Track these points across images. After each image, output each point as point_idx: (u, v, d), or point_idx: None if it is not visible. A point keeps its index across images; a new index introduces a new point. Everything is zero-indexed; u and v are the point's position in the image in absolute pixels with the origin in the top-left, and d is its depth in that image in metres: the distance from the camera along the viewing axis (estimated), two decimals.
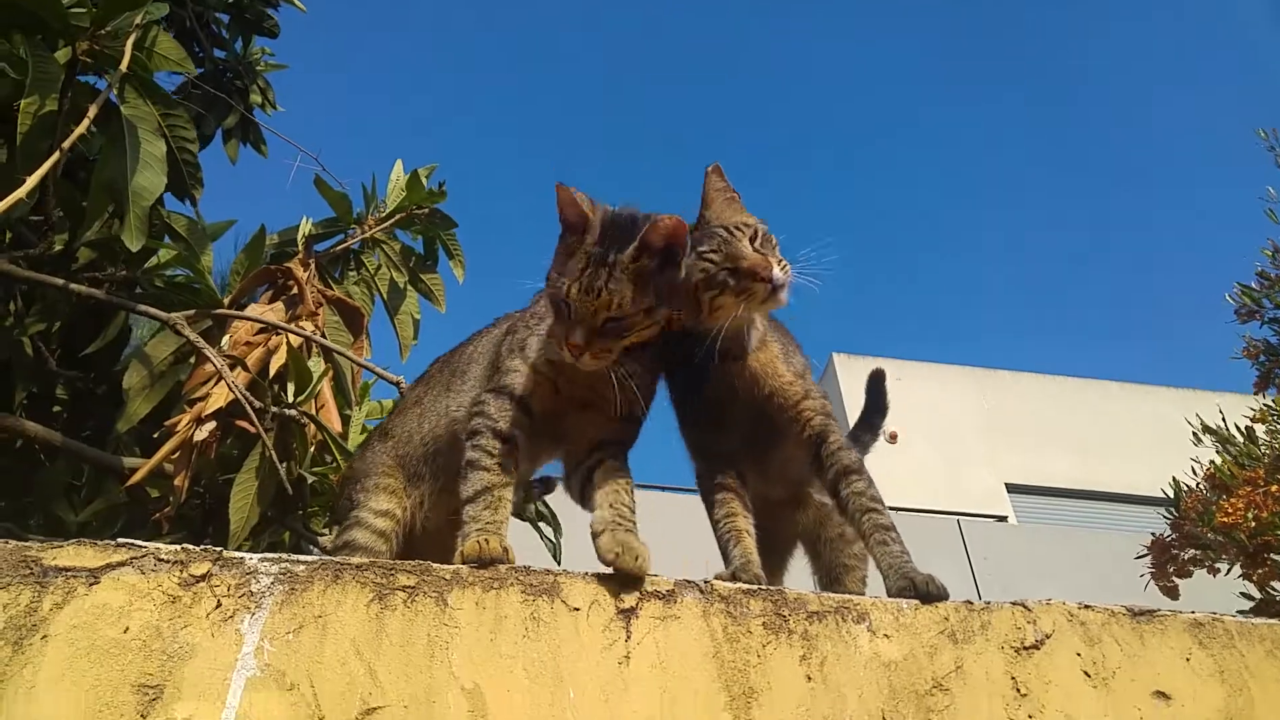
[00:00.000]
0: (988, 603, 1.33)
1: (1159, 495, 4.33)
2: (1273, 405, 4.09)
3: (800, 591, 1.29)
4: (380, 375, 2.59)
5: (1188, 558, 4.24)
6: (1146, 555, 4.34)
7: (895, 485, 10.84)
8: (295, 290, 2.80)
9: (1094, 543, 7.73)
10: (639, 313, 1.46)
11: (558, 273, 1.48)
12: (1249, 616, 3.88)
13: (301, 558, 1.17)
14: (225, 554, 1.14)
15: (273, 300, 2.81)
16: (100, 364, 2.86)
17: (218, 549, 1.14)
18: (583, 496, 1.58)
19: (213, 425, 2.33)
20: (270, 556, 1.16)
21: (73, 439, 2.79)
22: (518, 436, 1.53)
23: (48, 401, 2.90)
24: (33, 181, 1.96)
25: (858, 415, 2.19)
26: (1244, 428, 4.05)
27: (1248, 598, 3.94)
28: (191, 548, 1.13)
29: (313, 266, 2.91)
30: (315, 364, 2.65)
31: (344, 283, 3.27)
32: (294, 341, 2.57)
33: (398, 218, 3.29)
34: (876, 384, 2.19)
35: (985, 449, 11.86)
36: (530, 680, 1.11)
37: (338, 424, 2.57)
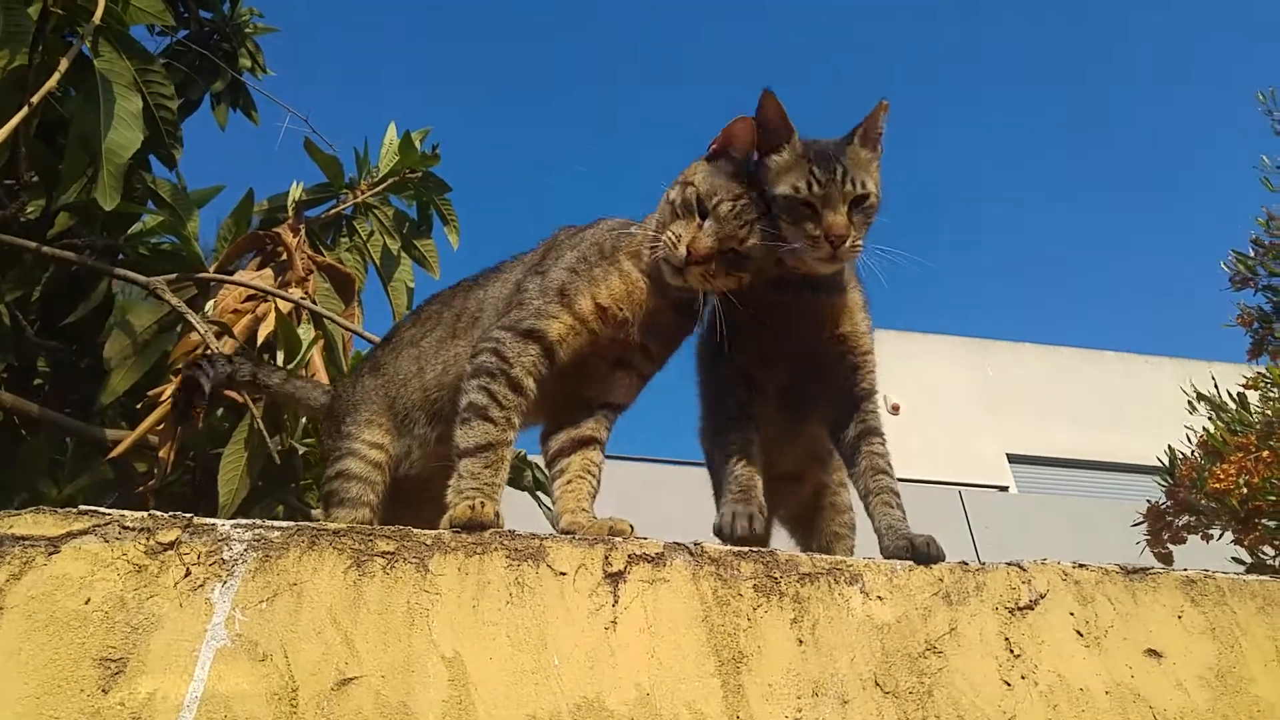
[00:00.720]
0: (983, 563, 1.30)
1: (1158, 464, 4.33)
2: (1265, 372, 4.06)
3: (792, 553, 1.25)
4: (372, 341, 2.54)
5: (1182, 524, 4.25)
6: (1143, 523, 4.35)
7: (897, 456, 10.84)
8: (284, 256, 2.75)
9: (1094, 511, 7.75)
10: (750, 251, 1.46)
11: (705, 180, 1.47)
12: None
13: (276, 523, 1.13)
14: (195, 520, 1.10)
15: (261, 267, 2.76)
16: (82, 334, 2.81)
17: (188, 515, 1.10)
18: (552, 461, 1.55)
19: None
20: (244, 523, 1.12)
21: (55, 412, 2.75)
22: (530, 391, 1.44)
23: (28, 374, 2.85)
24: (1, 136, 1.90)
25: None
26: (1236, 394, 4.02)
27: (1239, 562, 3.94)
28: (159, 514, 1.09)
29: (302, 232, 2.85)
30: (305, 331, 2.60)
31: (336, 249, 3.21)
32: (283, 308, 2.52)
33: (390, 182, 3.22)
34: None
35: (986, 420, 11.87)
36: (513, 648, 1.08)
37: None
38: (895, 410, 11.81)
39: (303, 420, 2.66)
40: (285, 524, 1.13)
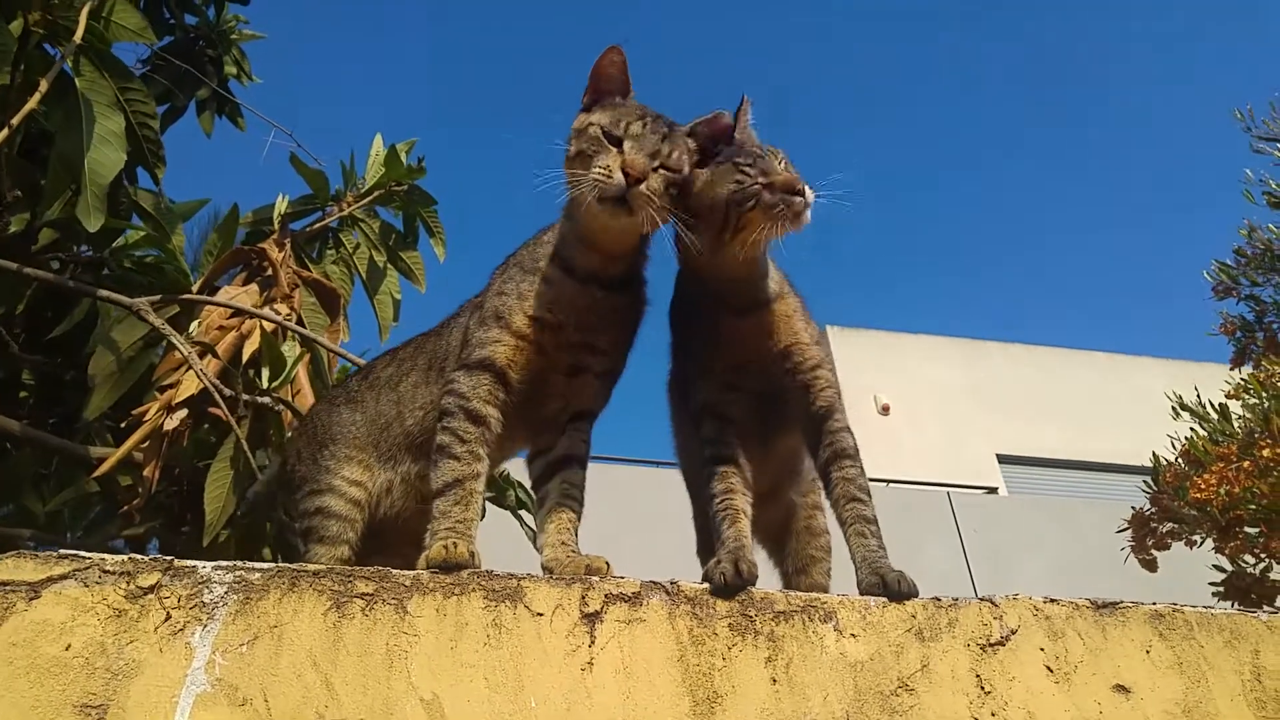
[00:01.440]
0: (955, 599, 1.32)
1: (1147, 465, 4.39)
2: (1246, 381, 4.11)
3: (767, 591, 1.27)
4: (356, 364, 2.54)
5: (1165, 531, 4.30)
6: (1127, 529, 4.40)
7: (887, 457, 10.92)
8: (270, 271, 2.74)
9: (1081, 514, 7.82)
10: (684, 177, 1.46)
11: (604, 117, 1.45)
12: (1219, 588, 3.91)
13: (257, 565, 1.14)
14: (176, 563, 1.11)
15: (246, 282, 2.75)
16: (67, 348, 2.80)
17: (168, 559, 1.11)
18: (534, 487, 1.57)
19: (184, 414, 2.29)
20: (224, 565, 1.13)
21: (40, 427, 2.74)
22: (492, 419, 1.48)
23: (13, 388, 2.85)
24: None
25: (851, 388, 2.15)
26: (1218, 405, 4.07)
27: (1219, 570, 4.00)
28: (140, 557, 1.10)
29: (288, 247, 2.85)
30: (290, 348, 2.60)
31: (322, 262, 3.20)
32: (268, 326, 2.52)
33: (376, 194, 3.22)
34: None
35: (976, 420, 11.94)
36: (491, 690, 1.10)
37: None
38: (886, 410, 11.88)
39: (288, 435, 2.66)
40: (266, 565, 1.14)
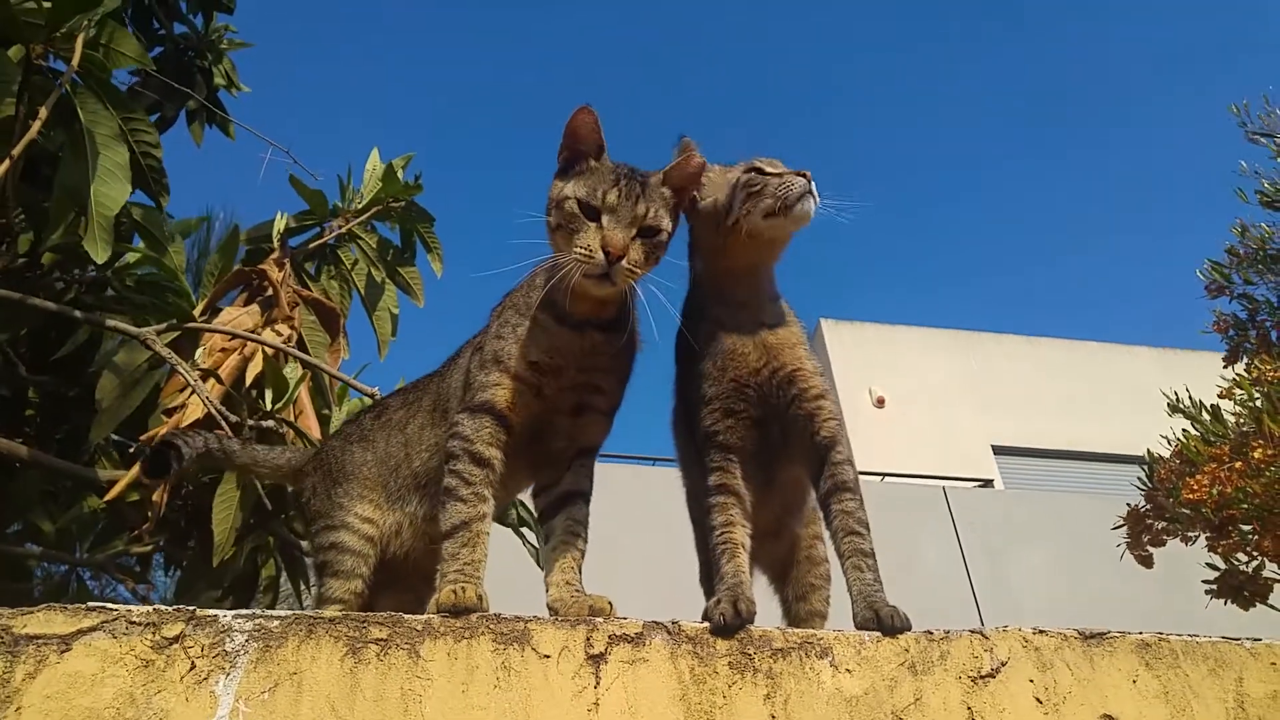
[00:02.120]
0: (947, 632, 1.37)
1: (1143, 454, 4.45)
2: (1238, 380, 4.17)
3: (766, 629, 1.32)
4: (356, 387, 2.59)
5: (1161, 528, 4.36)
6: (1122, 526, 4.46)
7: (882, 450, 11.00)
8: (270, 292, 2.78)
9: (1077, 507, 7.88)
10: (665, 233, 1.51)
11: (580, 188, 1.48)
12: (1213, 586, 3.96)
13: (275, 613, 1.18)
14: (199, 613, 1.15)
15: (248, 302, 2.79)
16: (71, 367, 2.84)
17: (190, 609, 1.15)
18: (539, 521, 1.61)
19: None
20: (244, 613, 1.17)
21: (46, 444, 2.78)
22: (495, 460, 1.51)
23: (19, 406, 2.88)
24: None
25: (846, 381, 2.19)
26: (1210, 406, 4.13)
27: (1213, 568, 4.07)
28: (164, 608, 1.14)
29: (288, 266, 2.88)
30: (292, 369, 2.64)
31: (320, 279, 3.24)
32: (269, 350, 2.56)
33: (374, 210, 3.25)
34: None
35: (972, 411, 12.01)
36: None
37: (316, 430, 2.57)
38: (880, 403, 11.95)
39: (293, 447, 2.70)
40: (283, 613, 1.19)
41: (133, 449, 2.34)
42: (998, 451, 11.82)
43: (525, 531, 2.74)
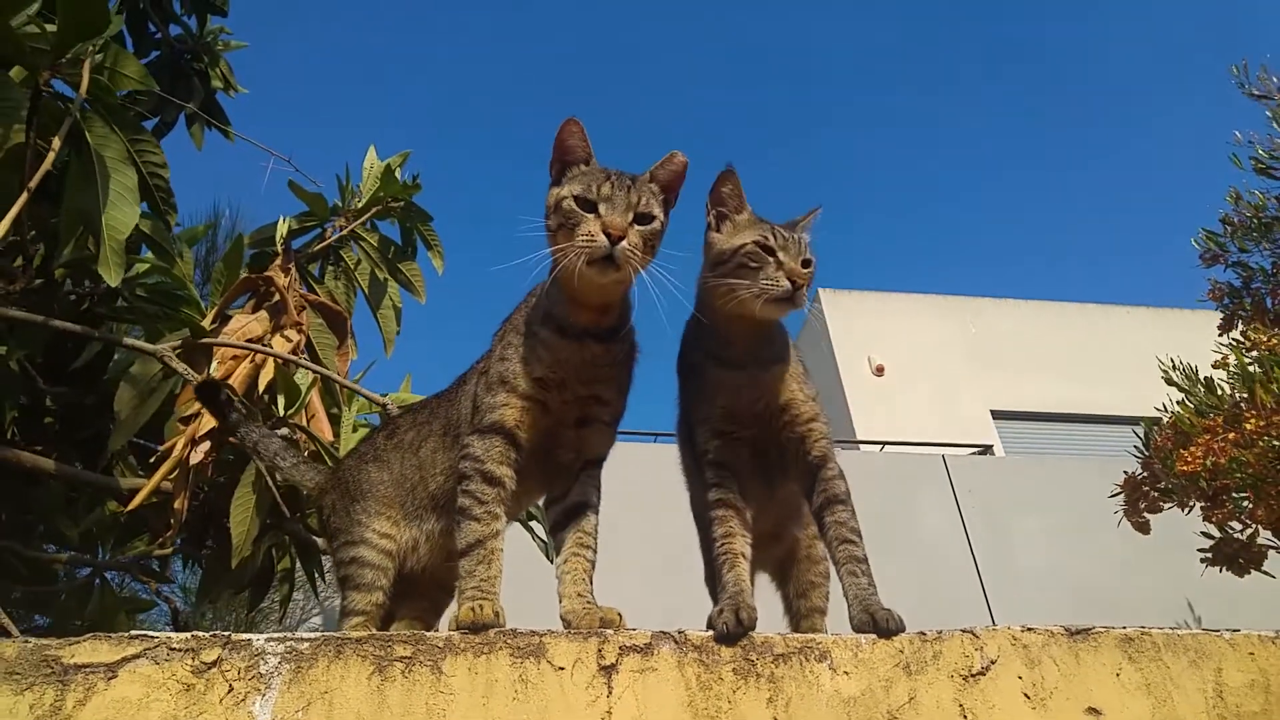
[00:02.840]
0: (939, 632, 1.44)
1: (1141, 415, 4.52)
2: (1233, 346, 4.22)
3: (767, 635, 1.40)
4: (365, 395, 2.65)
5: (1157, 495, 4.45)
6: (1120, 494, 4.55)
7: (882, 418, 11.10)
8: (278, 298, 2.83)
9: (1077, 471, 7.96)
10: (659, 221, 1.58)
11: (575, 187, 1.55)
12: (1208, 554, 4.06)
13: (305, 635, 1.26)
14: (233, 637, 1.23)
15: (256, 308, 2.84)
16: (87, 375, 2.90)
17: (226, 634, 1.23)
18: (550, 533, 1.69)
19: (207, 445, 2.41)
20: (276, 636, 1.25)
21: (66, 451, 2.86)
22: (507, 479, 1.58)
23: (39, 414, 2.95)
24: (4, 226, 1.97)
25: (845, 350, 2.24)
26: (1204, 379, 4.19)
27: (1208, 537, 4.16)
28: (201, 635, 1.22)
29: (293, 270, 2.93)
30: (303, 374, 2.70)
31: (324, 279, 3.29)
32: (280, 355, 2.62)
33: (373, 210, 3.29)
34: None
35: (971, 376, 12.06)
36: None
37: (328, 432, 2.65)
38: (880, 371, 12.02)
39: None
40: (313, 635, 1.26)
41: (153, 459, 2.42)
42: (997, 416, 11.91)
43: (534, 525, 2.83)
